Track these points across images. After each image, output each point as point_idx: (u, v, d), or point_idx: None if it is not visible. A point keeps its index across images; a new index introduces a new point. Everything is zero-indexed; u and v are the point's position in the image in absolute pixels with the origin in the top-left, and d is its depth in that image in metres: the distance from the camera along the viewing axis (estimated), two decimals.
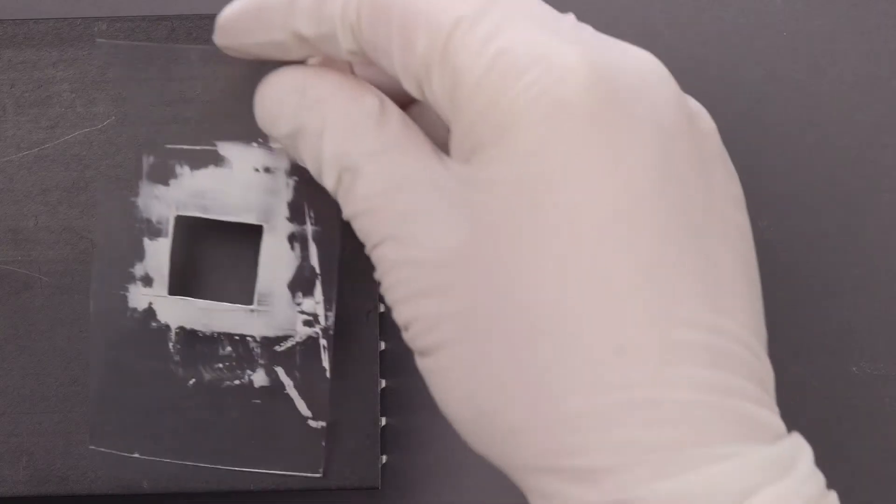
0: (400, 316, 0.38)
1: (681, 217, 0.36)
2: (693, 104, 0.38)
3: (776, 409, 0.37)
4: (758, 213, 0.47)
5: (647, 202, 0.36)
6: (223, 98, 0.44)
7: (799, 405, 0.47)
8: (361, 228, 0.39)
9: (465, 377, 0.37)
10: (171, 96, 0.44)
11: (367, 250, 0.39)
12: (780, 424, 0.37)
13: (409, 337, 0.38)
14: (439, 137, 0.39)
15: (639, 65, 0.37)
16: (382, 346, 0.45)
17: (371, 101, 0.39)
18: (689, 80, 0.47)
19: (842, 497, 0.37)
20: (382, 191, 0.38)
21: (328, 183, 0.39)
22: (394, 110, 0.39)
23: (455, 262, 0.37)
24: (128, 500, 0.46)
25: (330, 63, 0.40)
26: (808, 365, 0.47)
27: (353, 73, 0.41)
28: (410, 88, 0.38)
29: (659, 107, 0.37)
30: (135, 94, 0.44)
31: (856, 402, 0.47)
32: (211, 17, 0.43)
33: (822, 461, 0.37)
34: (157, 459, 0.44)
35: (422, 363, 0.38)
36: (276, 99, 0.40)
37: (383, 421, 0.45)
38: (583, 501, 0.35)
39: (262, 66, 0.41)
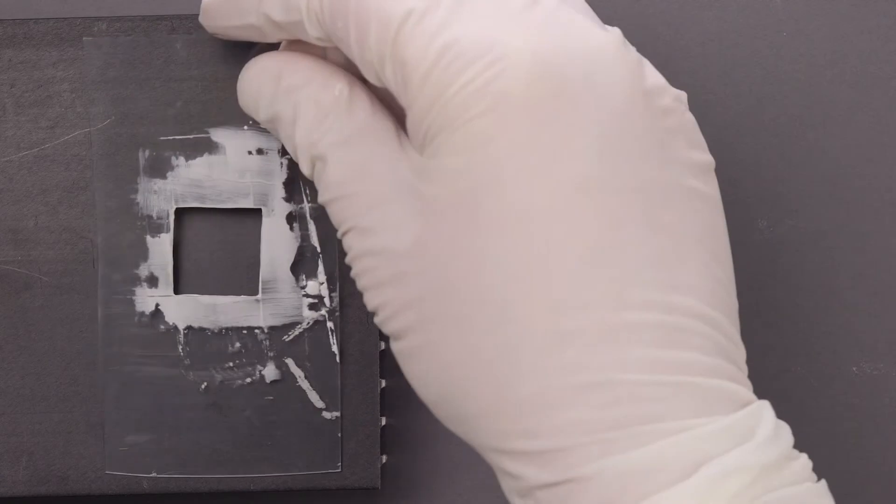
0: (368, 302, 0.39)
1: (631, 198, 0.37)
2: (652, 80, 0.38)
3: (743, 379, 0.38)
4: (758, 213, 0.47)
5: (593, 189, 0.36)
6: (211, 84, 0.44)
7: (799, 405, 0.47)
8: (332, 215, 0.40)
9: (428, 362, 0.38)
10: (160, 88, 0.44)
11: (339, 236, 0.40)
12: (746, 394, 0.37)
13: (378, 322, 0.39)
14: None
15: (589, 48, 0.37)
16: (382, 346, 0.45)
17: (340, 88, 0.40)
18: (690, 80, 0.47)
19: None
20: (347, 180, 0.39)
21: (304, 170, 0.40)
22: (362, 96, 0.40)
23: (411, 253, 0.38)
24: (128, 500, 0.46)
25: (307, 46, 0.41)
26: (808, 365, 0.47)
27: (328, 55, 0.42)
28: (369, 78, 0.39)
29: (607, 90, 0.37)
30: (130, 92, 0.44)
31: (856, 402, 0.47)
32: None
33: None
34: (175, 476, 0.44)
35: (393, 346, 0.39)
36: (254, 87, 0.41)
37: (383, 421, 0.45)
38: (537, 480, 0.36)
39: (247, 50, 0.42)
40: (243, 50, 0.43)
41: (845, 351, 0.47)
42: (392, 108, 0.40)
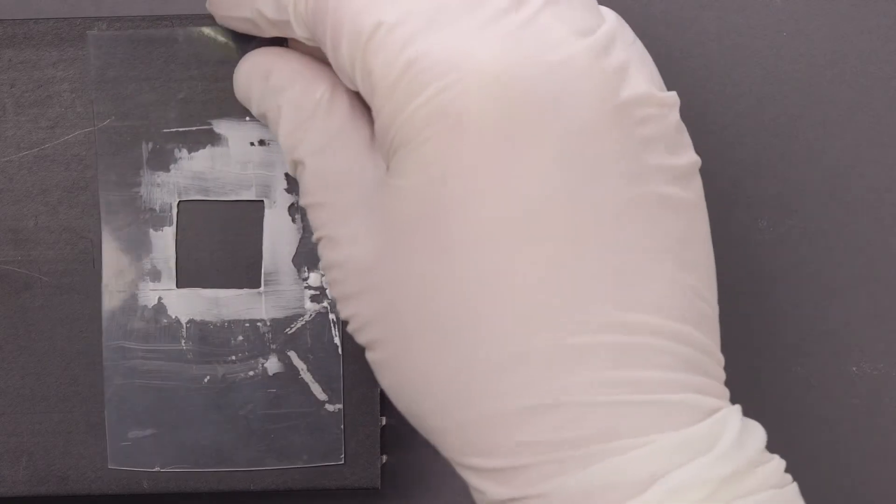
0: (339, 312, 0.40)
1: (591, 217, 0.36)
2: (631, 90, 0.37)
3: (714, 388, 0.38)
4: (758, 213, 0.47)
5: (549, 211, 0.36)
6: (211, 85, 0.44)
7: (799, 405, 0.47)
8: (310, 221, 0.40)
9: (392, 376, 0.38)
10: (160, 88, 0.44)
11: (313, 240, 0.40)
12: (713, 403, 0.37)
13: (350, 331, 0.39)
14: None
15: (557, 62, 0.36)
16: None
17: (322, 91, 0.40)
18: (690, 80, 0.47)
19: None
20: (320, 188, 0.39)
21: (290, 170, 0.41)
22: (343, 100, 0.40)
23: (373, 269, 0.38)
24: (127, 500, 0.46)
25: (300, 44, 0.41)
26: (808, 365, 0.47)
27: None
28: (345, 82, 0.39)
29: (572, 107, 0.36)
30: (130, 91, 0.44)
31: (856, 402, 0.47)
32: (211, 16, 0.43)
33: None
34: (180, 470, 0.44)
35: (366, 355, 0.40)
36: (246, 82, 0.42)
37: (383, 421, 0.45)
38: (498, 495, 0.37)
39: (247, 49, 0.43)
40: (243, 49, 0.43)
41: (845, 351, 0.47)
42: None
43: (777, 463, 0.37)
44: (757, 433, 0.37)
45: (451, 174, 0.36)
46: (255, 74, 0.42)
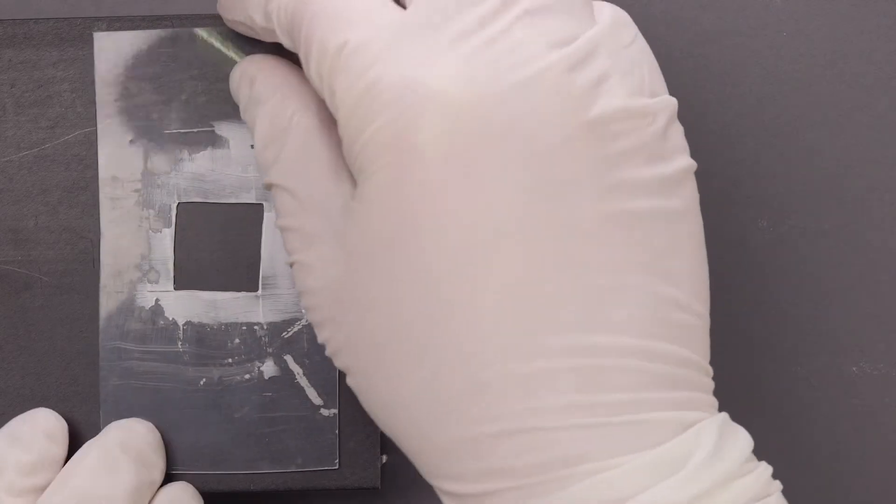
0: (317, 336, 0.39)
1: (556, 239, 0.35)
2: (603, 105, 0.36)
3: (693, 402, 0.37)
4: (758, 213, 0.47)
5: (511, 236, 0.35)
6: (212, 86, 0.44)
7: (799, 405, 0.47)
8: (284, 244, 0.40)
9: (370, 399, 0.38)
10: (161, 88, 0.44)
11: (288, 264, 0.40)
12: (691, 417, 0.36)
13: (328, 356, 0.39)
14: None
15: (520, 82, 0.35)
16: None
17: (294, 107, 0.40)
18: (690, 80, 0.47)
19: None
20: (290, 212, 0.39)
21: (265, 187, 0.40)
22: (315, 117, 0.39)
23: (338, 296, 0.38)
24: None
25: None
26: (808, 365, 0.47)
27: None
28: (320, 95, 0.38)
29: (536, 128, 0.35)
30: (131, 91, 0.44)
31: (856, 402, 0.47)
32: (210, 17, 0.43)
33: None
34: (177, 472, 0.44)
35: (347, 380, 0.39)
36: (236, 88, 0.42)
37: None
38: None
39: (253, 46, 0.43)
40: (246, 52, 0.43)
41: (845, 351, 0.47)
42: None
43: (759, 473, 0.36)
44: (739, 442, 0.36)
45: (408, 201, 0.36)
46: (244, 80, 0.41)
